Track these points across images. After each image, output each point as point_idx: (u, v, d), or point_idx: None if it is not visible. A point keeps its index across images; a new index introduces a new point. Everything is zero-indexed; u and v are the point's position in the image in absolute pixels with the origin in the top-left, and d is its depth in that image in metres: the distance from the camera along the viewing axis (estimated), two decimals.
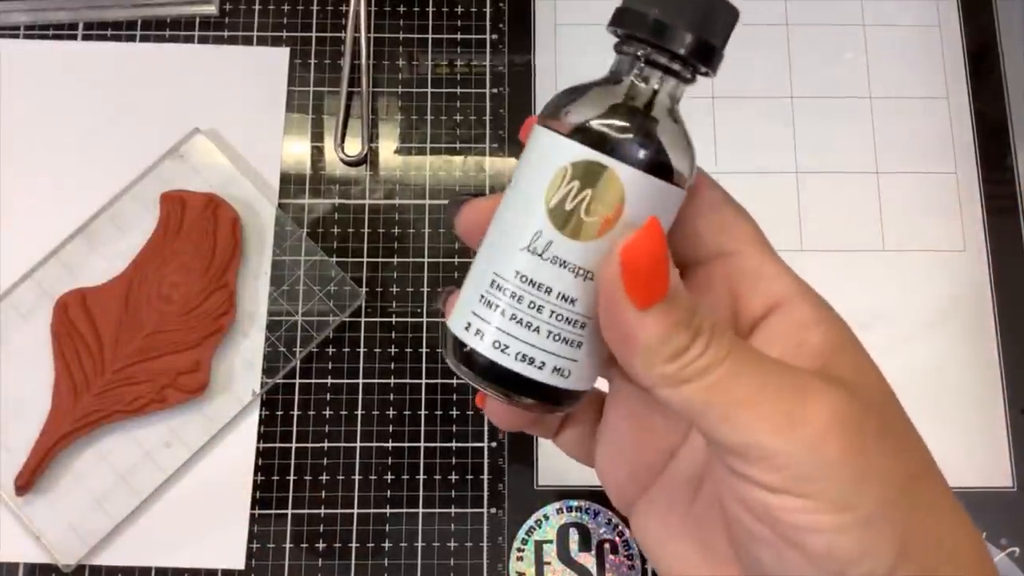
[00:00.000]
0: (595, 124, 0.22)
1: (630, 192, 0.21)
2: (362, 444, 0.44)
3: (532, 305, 0.21)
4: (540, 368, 0.22)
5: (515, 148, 0.48)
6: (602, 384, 0.25)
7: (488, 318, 0.22)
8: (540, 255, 0.21)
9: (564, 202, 0.21)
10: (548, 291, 0.21)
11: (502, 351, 0.22)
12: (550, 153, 0.22)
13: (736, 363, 0.20)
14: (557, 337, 0.22)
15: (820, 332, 0.22)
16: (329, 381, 0.45)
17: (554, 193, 0.21)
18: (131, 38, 0.49)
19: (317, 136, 0.48)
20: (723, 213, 0.23)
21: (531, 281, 0.21)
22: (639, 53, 0.22)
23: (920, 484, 0.20)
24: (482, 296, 0.22)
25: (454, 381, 0.45)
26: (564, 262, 0.21)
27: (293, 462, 0.44)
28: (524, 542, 0.42)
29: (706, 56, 0.22)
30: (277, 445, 0.44)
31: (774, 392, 0.19)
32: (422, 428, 0.44)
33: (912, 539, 0.19)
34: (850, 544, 0.19)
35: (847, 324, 0.22)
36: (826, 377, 0.20)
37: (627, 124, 0.22)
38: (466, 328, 0.22)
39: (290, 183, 0.47)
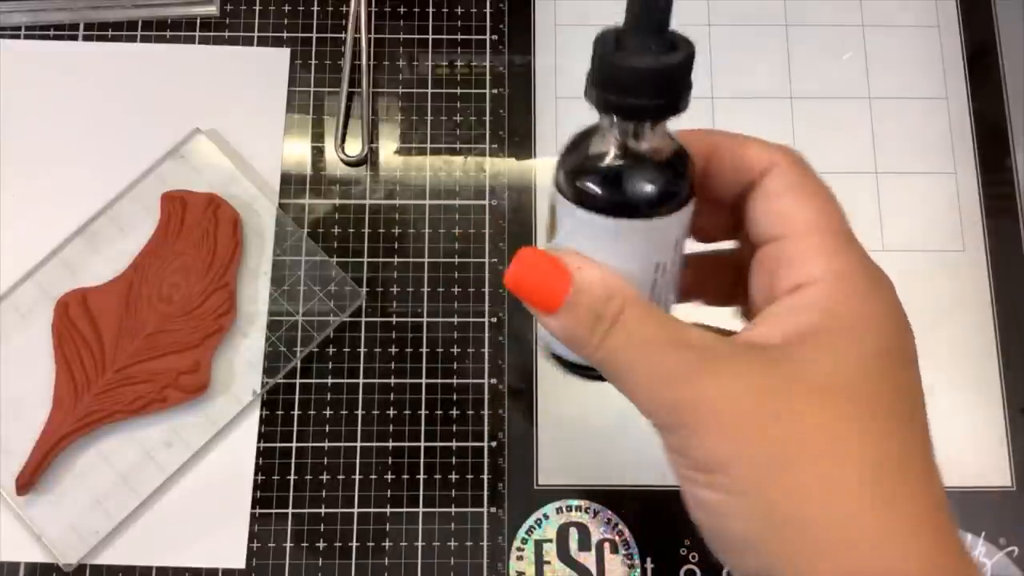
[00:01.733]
0: (560, 166, 0.24)
1: (562, 222, 0.24)
2: (362, 444, 0.44)
3: None
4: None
5: (515, 148, 0.48)
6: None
7: None
8: None
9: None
10: None
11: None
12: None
13: (632, 349, 0.23)
14: None
15: (807, 316, 0.23)
16: (329, 381, 0.45)
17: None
18: (131, 38, 0.49)
19: (317, 136, 0.48)
20: (781, 201, 0.24)
21: None
22: (611, 116, 0.23)
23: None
24: None
25: (454, 381, 0.45)
26: None
27: (293, 462, 0.44)
28: (524, 542, 0.43)
29: (671, 108, 0.22)
30: (277, 445, 0.44)
31: (662, 379, 0.22)
32: (422, 428, 0.44)
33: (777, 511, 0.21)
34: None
35: (869, 316, 0.23)
36: (735, 350, 0.22)
37: (575, 168, 0.24)
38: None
39: (291, 183, 0.48)
